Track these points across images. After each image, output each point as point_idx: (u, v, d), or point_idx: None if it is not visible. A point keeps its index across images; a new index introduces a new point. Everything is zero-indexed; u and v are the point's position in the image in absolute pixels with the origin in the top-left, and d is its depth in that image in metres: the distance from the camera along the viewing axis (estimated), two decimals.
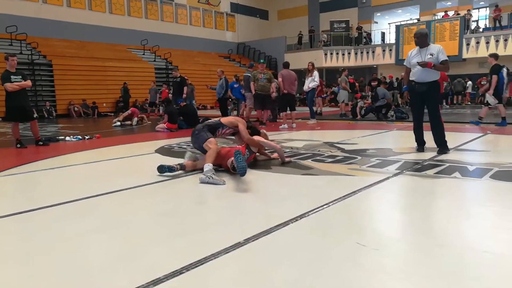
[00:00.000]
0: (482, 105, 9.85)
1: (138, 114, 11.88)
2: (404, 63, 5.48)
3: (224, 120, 4.53)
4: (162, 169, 3.98)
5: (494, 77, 8.48)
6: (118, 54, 20.10)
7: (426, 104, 5.25)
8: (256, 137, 4.49)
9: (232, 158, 3.78)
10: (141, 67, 20.10)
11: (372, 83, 14.89)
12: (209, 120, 4.56)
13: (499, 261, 1.90)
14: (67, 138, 7.61)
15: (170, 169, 3.99)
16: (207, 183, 3.56)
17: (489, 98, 8.72)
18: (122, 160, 5.22)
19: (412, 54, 5.26)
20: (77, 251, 2.13)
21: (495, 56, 8.79)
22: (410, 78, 5.29)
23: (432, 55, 5.02)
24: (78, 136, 7.78)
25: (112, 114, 16.97)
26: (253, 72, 10.19)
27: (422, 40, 5.14)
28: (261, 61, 10.98)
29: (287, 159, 4.59)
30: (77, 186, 3.73)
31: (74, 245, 2.21)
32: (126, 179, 3.93)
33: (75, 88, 17.04)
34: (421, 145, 5.34)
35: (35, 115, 7.20)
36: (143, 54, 21.67)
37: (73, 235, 2.37)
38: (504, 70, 8.60)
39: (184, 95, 11.00)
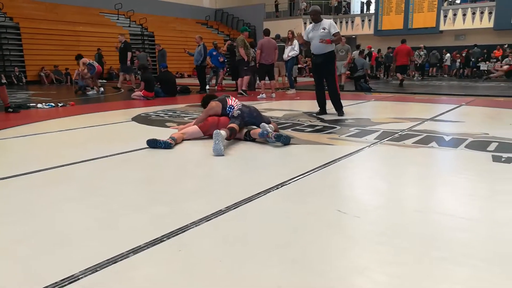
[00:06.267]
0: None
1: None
2: (304, 38, 5.98)
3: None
4: (155, 143, 3.66)
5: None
6: (91, 18, 19.23)
7: (323, 74, 5.88)
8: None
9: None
10: (115, 32, 19.31)
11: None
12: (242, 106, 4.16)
13: (474, 226, 1.95)
14: (39, 105, 7.32)
15: (167, 145, 3.66)
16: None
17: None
18: (98, 128, 5.08)
19: (309, 29, 5.81)
20: (53, 218, 2.07)
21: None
22: (311, 51, 5.89)
23: (324, 29, 5.59)
24: (51, 103, 7.50)
25: None
26: (242, 38, 9.47)
27: (317, 16, 5.70)
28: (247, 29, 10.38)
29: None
30: (52, 154, 3.61)
31: (51, 213, 2.15)
32: (103, 147, 3.83)
33: (46, 53, 16.29)
34: (322, 108, 6.05)
35: (3, 81, 6.85)
36: (117, 19, 20.83)
37: (49, 203, 2.29)
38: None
39: (128, 61, 11.41)
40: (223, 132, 3.56)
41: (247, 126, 4.13)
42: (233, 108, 4.12)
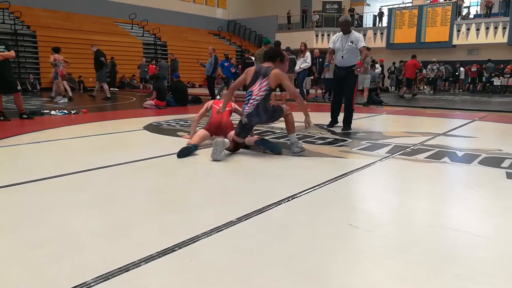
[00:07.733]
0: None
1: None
2: (329, 45, 5.87)
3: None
4: (186, 151, 3.74)
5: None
6: (105, 27, 19.56)
7: (344, 87, 5.72)
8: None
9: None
10: (129, 41, 19.63)
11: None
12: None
13: (489, 243, 1.92)
14: (53, 112, 7.43)
15: (196, 146, 3.90)
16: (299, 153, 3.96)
17: None
18: (110, 135, 5.13)
19: (336, 38, 5.70)
20: (66, 225, 2.09)
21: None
22: (335, 62, 5.78)
23: (352, 42, 5.51)
24: (64, 111, 7.61)
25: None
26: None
27: (346, 27, 5.59)
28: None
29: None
30: (65, 161, 3.65)
31: (63, 219, 2.16)
32: (115, 154, 3.86)
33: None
34: (334, 119, 5.98)
35: (19, 88, 6.97)
36: (131, 28, 21.14)
37: (62, 210, 2.32)
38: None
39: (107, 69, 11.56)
40: (226, 141, 3.74)
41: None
42: (249, 99, 3.99)
